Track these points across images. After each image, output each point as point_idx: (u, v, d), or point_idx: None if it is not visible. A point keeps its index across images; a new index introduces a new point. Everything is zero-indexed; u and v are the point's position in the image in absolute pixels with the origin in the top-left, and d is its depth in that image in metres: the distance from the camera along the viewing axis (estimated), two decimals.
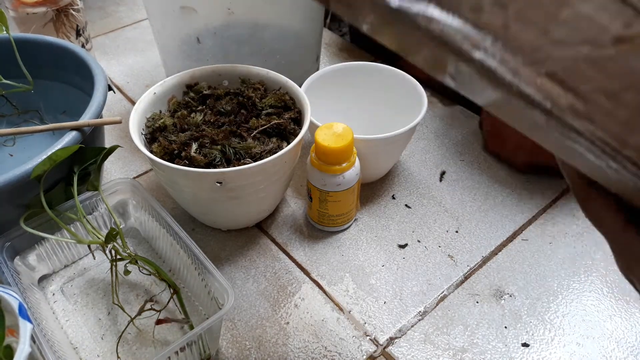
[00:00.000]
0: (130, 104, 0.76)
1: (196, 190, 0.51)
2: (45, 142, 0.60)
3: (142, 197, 0.52)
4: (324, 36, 0.81)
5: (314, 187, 0.54)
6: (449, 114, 0.74)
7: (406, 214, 0.60)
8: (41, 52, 0.60)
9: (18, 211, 0.47)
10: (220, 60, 0.64)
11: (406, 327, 0.50)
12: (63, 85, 0.62)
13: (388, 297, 0.52)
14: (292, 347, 0.48)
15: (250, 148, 0.52)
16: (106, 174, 0.66)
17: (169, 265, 0.53)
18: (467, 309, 0.51)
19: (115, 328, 0.49)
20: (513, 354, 0.48)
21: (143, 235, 0.57)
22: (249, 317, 0.51)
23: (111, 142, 0.68)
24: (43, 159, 0.45)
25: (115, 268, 0.48)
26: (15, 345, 0.38)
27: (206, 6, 0.62)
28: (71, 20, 0.70)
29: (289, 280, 0.54)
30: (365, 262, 0.55)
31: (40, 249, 0.51)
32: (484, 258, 0.56)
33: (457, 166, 0.66)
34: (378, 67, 0.65)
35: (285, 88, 0.58)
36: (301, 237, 0.58)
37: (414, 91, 0.61)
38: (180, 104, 0.58)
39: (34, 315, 0.43)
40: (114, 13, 0.97)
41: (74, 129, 0.48)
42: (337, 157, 0.51)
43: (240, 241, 0.57)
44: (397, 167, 0.66)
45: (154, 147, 0.52)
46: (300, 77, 0.61)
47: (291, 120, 0.55)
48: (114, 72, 0.82)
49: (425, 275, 0.54)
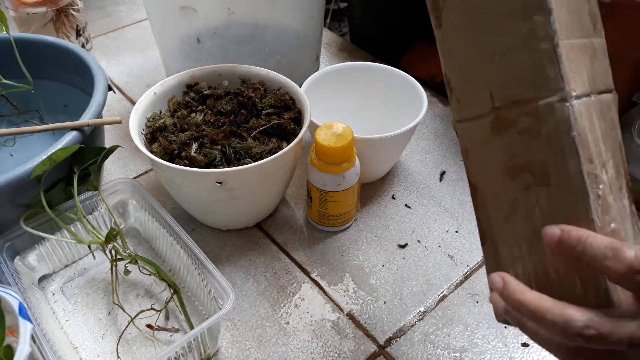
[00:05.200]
0: (130, 104, 0.76)
1: (196, 190, 0.51)
2: (45, 142, 0.60)
3: (142, 197, 0.52)
4: (324, 36, 0.81)
5: (314, 187, 0.54)
6: (449, 114, 0.74)
7: (406, 214, 0.60)
8: (41, 52, 0.60)
9: (18, 211, 0.47)
10: (220, 60, 0.64)
11: (406, 327, 0.50)
12: (63, 85, 0.62)
13: (388, 297, 0.52)
14: (292, 347, 0.48)
15: (250, 148, 0.52)
16: (106, 174, 0.66)
17: (169, 265, 0.53)
18: (467, 309, 0.51)
19: (115, 328, 0.49)
20: (513, 353, 0.48)
21: (143, 235, 0.57)
22: (249, 317, 0.51)
23: (111, 142, 0.68)
24: (43, 159, 0.45)
25: (115, 268, 0.48)
26: (15, 345, 0.38)
27: (206, 6, 0.62)
28: (71, 20, 0.70)
29: (289, 280, 0.54)
30: (365, 262, 0.55)
31: (40, 249, 0.51)
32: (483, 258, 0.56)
33: (457, 166, 0.66)
34: (378, 67, 0.65)
35: (285, 88, 0.58)
36: (301, 237, 0.58)
37: (414, 91, 0.61)
38: (180, 104, 0.58)
39: (34, 315, 0.43)
40: (114, 13, 0.97)
41: (74, 129, 0.48)
42: (337, 157, 0.51)
43: (240, 241, 0.57)
44: (397, 167, 0.66)
45: (154, 147, 0.52)
46: (300, 77, 0.61)
47: (291, 120, 0.55)
48: (114, 72, 0.82)
49: (425, 275, 0.54)
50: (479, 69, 0.32)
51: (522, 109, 0.30)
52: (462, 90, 0.34)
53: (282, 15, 0.67)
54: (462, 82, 0.33)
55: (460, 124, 0.34)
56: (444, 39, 0.34)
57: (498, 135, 0.31)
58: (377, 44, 0.84)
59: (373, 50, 0.84)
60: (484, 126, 0.32)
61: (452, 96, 0.34)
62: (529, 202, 0.31)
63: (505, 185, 0.32)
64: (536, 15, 0.29)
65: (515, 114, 0.30)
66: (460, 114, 0.34)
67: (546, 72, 0.29)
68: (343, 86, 0.65)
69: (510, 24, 0.30)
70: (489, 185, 0.33)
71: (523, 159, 0.31)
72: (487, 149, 0.32)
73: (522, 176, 0.31)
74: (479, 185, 0.34)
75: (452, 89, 0.34)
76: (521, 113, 0.30)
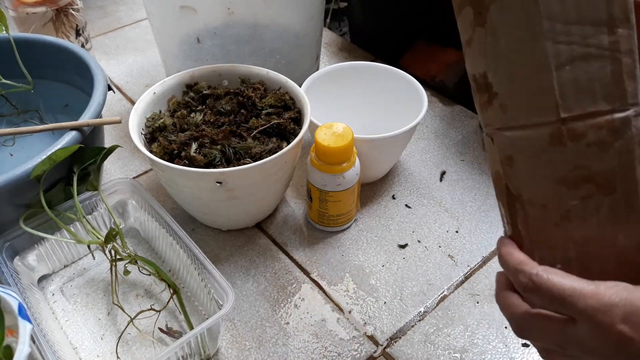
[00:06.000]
0: (130, 104, 0.76)
1: (196, 190, 0.51)
2: (45, 142, 0.60)
3: (142, 197, 0.52)
4: (324, 36, 0.81)
5: (314, 187, 0.54)
6: (449, 114, 0.74)
7: (406, 214, 0.60)
8: (41, 52, 0.60)
9: (18, 211, 0.47)
10: (220, 60, 0.64)
11: (406, 327, 0.50)
12: (63, 85, 0.62)
13: (388, 297, 0.52)
14: (292, 347, 0.48)
15: (250, 148, 0.51)
16: (106, 174, 0.65)
17: (168, 266, 0.53)
18: (468, 309, 0.51)
19: (115, 328, 0.49)
20: (513, 354, 0.48)
21: (143, 235, 0.57)
22: (249, 317, 0.51)
23: (111, 142, 0.68)
24: (43, 159, 0.44)
25: (114, 268, 0.48)
26: (14, 345, 0.38)
27: (206, 6, 0.62)
28: (71, 20, 0.70)
29: (289, 280, 0.54)
30: (365, 262, 0.55)
31: (39, 249, 0.51)
32: (484, 258, 0.56)
33: (458, 166, 0.66)
34: (378, 67, 0.65)
35: (285, 88, 0.58)
36: (301, 237, 0.58)
37: (414, 91, 0.61)
38: (180, 103, 0.58)
39: (34, 315, 0.43)
40: (113, 13, 0.97)
41: (73, 129, 0.48)
42: (337, 157, 0.51)
43: (240, 241, 0.57)
44: (397, 167, 0.66)
45: (154, 147, 0.52)
46: (300, 77, 0.61)
47: (291, 120, 0.55)
48: (114, 72, 0.82)
49: (426, 275, 0.54)
50: (540, 76, 0.30)
51: (593, 121, 0.29)
52: (511, 97, 0.31)
53: (282, 15, 0.67)
54: (512, 88, 0.31)
55: (502, 132, 0.32)
56: (488, 39, 0.31)
57: (560, 146, 0.30)
58: (377, 43, 0.84)
59: (373, 50, 0.84)
60: (542, 136, 0.30)
61: (493, 101, 0.32)
62: (587, 210, 0.30)
63: (559, 194, 0.31)
64: (621, 28, 0.28)
65: (584, 126, 0.29)
66: (505, 122, 0.31)
67: (624, 86, 0.29)
68: (343, 86, 0.65)
69: (588, 33, 0.29)
70: (536, 194, 0.32)
71: (588, 170, 0.30)
72: (541, 159, 0.31)
73: (583, 186, 0.30)
74: (523, 194, 0.32)
75: (495, 94, 0.31)
76: (592, 125, 0.29)
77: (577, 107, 0.29)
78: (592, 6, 0.28)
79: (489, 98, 0.32)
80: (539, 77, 0.30)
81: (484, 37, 0.31)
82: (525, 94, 0.30)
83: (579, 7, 0.28)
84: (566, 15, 0.29)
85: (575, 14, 0.29)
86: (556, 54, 0.29)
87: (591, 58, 0.29)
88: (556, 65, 0.29)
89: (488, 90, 0.32)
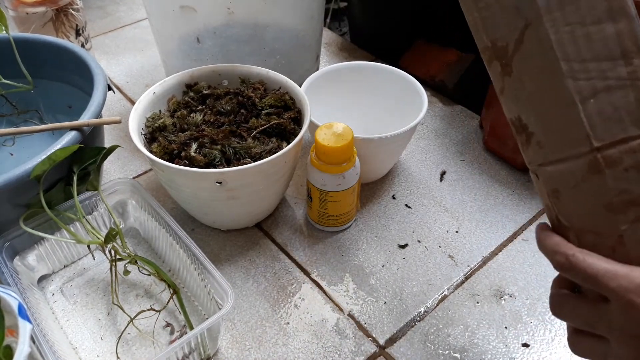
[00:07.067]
0: (129, 104, 0.76)
1: (196, 190, 0.51)
2: (44, 141, 0.60)
3: (142, 197, 0.52)
4: (324, 36, 0.81)
5: (314, 187, 0.54)
6: (449, 114, 0.74)
7: (406, 214, 0.60)
8: (41, 52, 0.60)
9: (18, 211, 0.47)
10: (220, 60, 0.64)
11: (406, 328, 0.50)
12: (63, 85, 0.62)
13: (388, 298, 0.52)
14: (292, 347, 0.48)
15: (250, 148, 0.51)
16: (106, 174, 0.65)
17: (168, 266, 0.53)
18: (468, 309, 0.51)
19: (115, 328, 0.49)
20: (513, 354, 0.48)
21: (143, 235, 0.57)
22: (249, 317, 0.51)
23: (111, 142, 0.68)
24: (43, 158, 0.44)
25: (114, 268, 0.48)
26: (14, 345, 0.38)
27: (206, 6, 0.62)
28: (71, 20, 0.70)
29: (289, 280, 0.54)
30: (365, 262, 0.55)
31: (39, 249, 0.51)
32: (484, 258, 0.56)
33: (458, 166, 0.66)
34: (378, 67, 0.65)
35: (285, 88, 0.58)
36: (301, 237, 0.58)
37: (414, 91, 0.61)
38: (180, 103, 0.58)
39: (34, 315, 0.43)
40: (113, 13, 0.97)
41: (73, 129, 0.48)
42: (337, 157, 0.51)
43: (240, 241, 0.57)
44: (397, 167, 0.66)
45: (154, 147, 0.52)
46: (300, 77, 0.61)
47: (291, 120, 0.55)
48: (114, 71, 0.82)
49: (426, 275, 0.54)
50: (567, 111, 0.31)
51: (626, 146, 0.30)
52: (545, 134, 0.33)
53: (282, 15, 0.67)
54: (545, 126, 0.33)
55: (544, 167, 0.33)
56: (517, 85, 0.33)
57: (598, 174, 0.31)
58: (377, 43, 0.84)
59: (373, 50, 0.84)
60: (580, 166, 0.32)
61: (531, 140, 0.34)
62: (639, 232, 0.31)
63: (608, 220, 0.32)
64: (636, 58, 0.30)
65: (618, 152, 0.31)
66: (544, 157, 0.33)
67: None
68: (343, 86, 0.65)
69: (605, 67, 0.30)
70: (587, 223, 0.33)
71: (631, 194, 0.31)
72: (584, 188, 0.32)
73: (630, 209, 0.31)
74: (575, 224, 0.33)
75: (532, 133, 0.33)
76: (626, 150, 0.30)
77: (607, 135, 0.31)
78: (603, 45, 0.30)
79: (527, 138, 0.34)
80: (567, 112, 0.31)
81: (512, 84, 0.33)
82: (557, 130, 0.32)
83: (592, 47, 0.30)
84: (581, 55, 0.30)
85: (589, 53, 0.30)
86: (578, 90, 0.31)
87: (613, 89, 0.30)
88: (580, 99, 0.31)
89: (525, 131, 0.34)
